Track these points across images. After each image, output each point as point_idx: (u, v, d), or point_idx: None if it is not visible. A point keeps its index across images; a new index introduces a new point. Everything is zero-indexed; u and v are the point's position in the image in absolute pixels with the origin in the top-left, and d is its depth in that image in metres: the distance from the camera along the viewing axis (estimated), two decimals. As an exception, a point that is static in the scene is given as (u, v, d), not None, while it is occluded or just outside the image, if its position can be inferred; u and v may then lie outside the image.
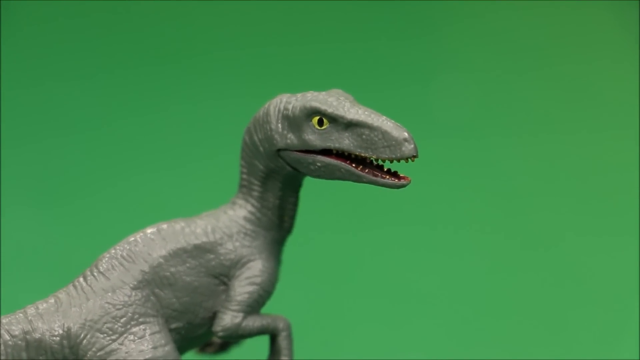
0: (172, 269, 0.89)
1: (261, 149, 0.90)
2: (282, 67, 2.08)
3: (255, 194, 0.93)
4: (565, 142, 1.87)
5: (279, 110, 0.89)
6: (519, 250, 1.54)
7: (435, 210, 1.65)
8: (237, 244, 0.92)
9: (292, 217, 0.95)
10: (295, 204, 0.94)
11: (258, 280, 0.92)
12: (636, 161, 1.78)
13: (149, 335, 0.86)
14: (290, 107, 0.88)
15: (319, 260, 1.50)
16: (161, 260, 0.88)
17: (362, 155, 0.86)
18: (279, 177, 0.92)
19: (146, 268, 0.88)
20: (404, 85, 2.03)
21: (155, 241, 0.89)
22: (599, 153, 1.84)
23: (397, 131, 0.85)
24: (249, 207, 0.93)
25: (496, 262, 1.52)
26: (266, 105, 0.90)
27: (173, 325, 0.88)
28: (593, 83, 2.09)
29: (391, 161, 0.86)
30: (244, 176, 0.93)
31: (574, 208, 1.66)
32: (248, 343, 1.06)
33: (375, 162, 0.88)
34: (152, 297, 0.87)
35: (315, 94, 0.89)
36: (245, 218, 0.93)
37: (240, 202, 0.93)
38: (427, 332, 1.35)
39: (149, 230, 0.89)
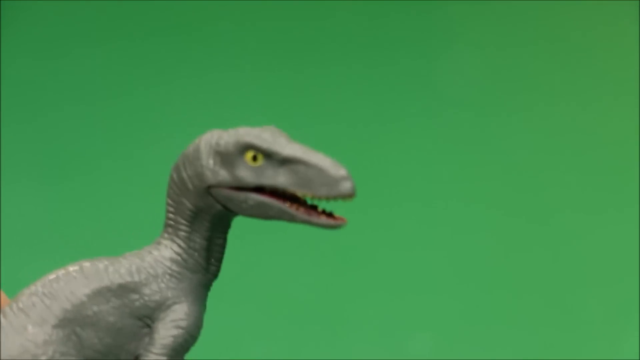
0: (95, 308, 0.84)
1: (190, 186, 0.87)
2: (287, 42, 2.07)
3: (182, 234, 0.89)
4: (572, 116, 1.91)
5: (210, 145, 0.86)
6: (525, 225, 1.56)
7: (440, 185, 1.66)
8: (163, 285, 0.88)
9: (219, 260, 0.92)
10: (222, 246, 0.91)
11: (184, 324, 0.88)
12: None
13: (70, 377, 0.81)
14: (222, 142, 0.86)
15: (328, 239, 1.48)
16: (84, 298, 0.84)
17: (298, 192, 0.84)
18: (208, 217, 0.89)
19: (68, 306, 0.83)
20: (410, 60, 2.04)
21: (77, 279, 0.85)
22: (605, 127, 1.87)
23: (335, 169, 0.83)
24: (175, 248, 0.90)
25: (502, 238, 1.53)
26: (196, 141, 0.88)
27: (94, 369, 0.84)
28: (600, 58, 2.12)
29: (328, 200, 0.83)
30: (171, 215, 0.90)
31: (580, 182, 1.69)
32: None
33: (310, 202, 0.85)
34: (73, 337, 0.83)
35: (249, 129, 0.86)
36: (171, 259, 0.89)
37: (166, 242, 0.90)
38: (433, 309, 1.34)
39: (70, 268, 0.85)
